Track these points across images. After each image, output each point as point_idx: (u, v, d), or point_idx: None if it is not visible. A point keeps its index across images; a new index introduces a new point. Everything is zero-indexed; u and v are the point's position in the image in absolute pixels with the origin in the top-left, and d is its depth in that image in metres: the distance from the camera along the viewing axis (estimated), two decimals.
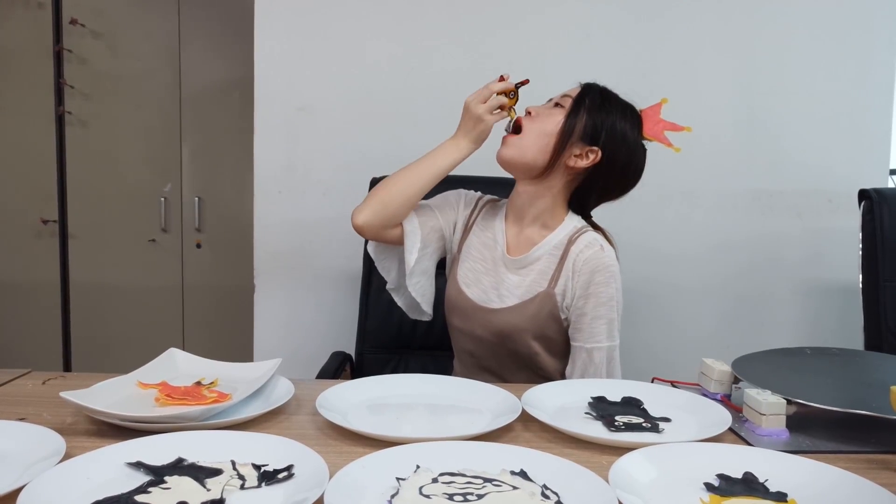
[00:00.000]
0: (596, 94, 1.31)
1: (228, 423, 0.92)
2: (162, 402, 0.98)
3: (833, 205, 2.12)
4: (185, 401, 0.97)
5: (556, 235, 1.33)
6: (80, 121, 2.82)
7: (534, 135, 1.29)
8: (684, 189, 2.09)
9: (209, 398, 0.99)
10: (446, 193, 1.45)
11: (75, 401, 0.90)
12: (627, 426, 0.95)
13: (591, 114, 1.28)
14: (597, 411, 1.01)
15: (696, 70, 2.06)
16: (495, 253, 1.36)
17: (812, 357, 1.29)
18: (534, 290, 1.31)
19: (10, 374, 1.17)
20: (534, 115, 1.30)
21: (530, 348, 1.31)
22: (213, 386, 1.06)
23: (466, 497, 0.71)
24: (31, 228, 2.84)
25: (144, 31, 2.81)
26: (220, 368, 1.15)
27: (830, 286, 2.14)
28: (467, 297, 1.35)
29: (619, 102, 1.33)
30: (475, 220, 1.42)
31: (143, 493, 0.71)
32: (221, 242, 2.91)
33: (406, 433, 0.91)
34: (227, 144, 2.84)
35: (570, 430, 0.92)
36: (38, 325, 2.89)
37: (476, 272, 1.37)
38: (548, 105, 1.33)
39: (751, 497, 0.74)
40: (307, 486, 0.72)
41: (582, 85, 1.33)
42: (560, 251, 1.32)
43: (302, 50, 2.00)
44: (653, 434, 0.93)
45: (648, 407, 1.04)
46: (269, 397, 1.03)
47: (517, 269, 1.34)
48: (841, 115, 2.10)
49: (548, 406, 1.02)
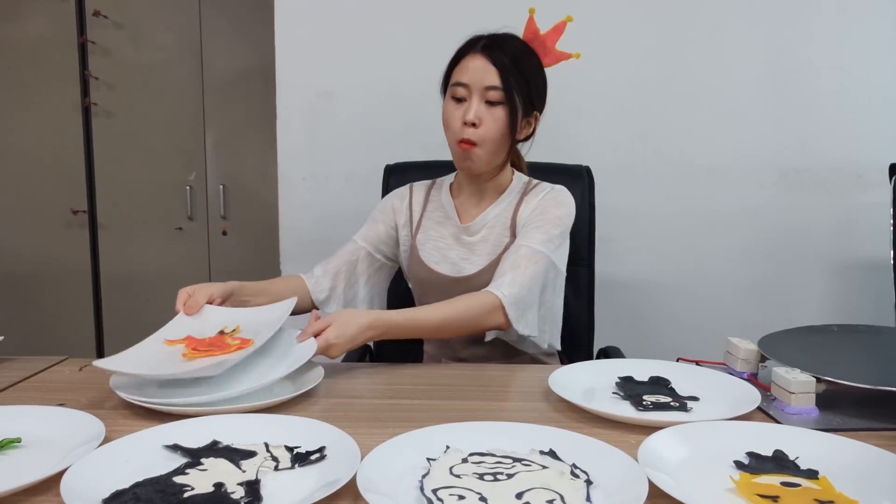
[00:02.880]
0: (509, 63, 1.25)
1: (261, 407, 0.94)
2: (189, 356, 1.00)
3: (863, 180, 2.08)
4: (211, 351, 0.99)
5: (507, 195, 1.39)
6: (105, 112, 2.86)
7: (489, 144, 1.29)
8: (709, 166, 2.07)
9: (233, 346, 1.00)
10: (375, 209, 1.48)
11: (108, 367, 0.93)
12: (656, 405, 0.95)
13: (521, 87, 1.27)
14: (624, 391, 1.01)
15: (723, 45, 2.02)
16: (451, 228, 1.40)
17: (839, 334, 1.27)
18: (500, 245, 1.34)
19: (47, 362, 1.20)
20: (479, 124, 1.27)
21: None
22: (236, 333, 1.07)
23: (496, 476, 0.71)
24: (62, 219, 2.89)
25: (166, 21, 2.83)
26: (238, 315, 1.16)
27: (860, 263, 2.11)
28: (440, 273, 1.37)
29: (523, 51, 1.30)
30: (422, 206, 1.45)
31: (181, 474, 0.73)
32: (247, 229, 2.94)
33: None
34: (250, 132, 2.86)
35: (598, 411, 0.92)
36: (70, 313, 2.95)
37: (440, 249, 1.40)
38: (480, 106, 1.27)
39: (781, 475, 0.74)
40: (339, 467, 0.73)
41: (493, 64, 1.25)
42: (514, 204, 1.37)
43: (322, 36, 2.00)
44: (681, 413, 0.93)
45: (676, 386, 1.04)
46: (300, 380, 1.04)
47: (475, 233, 1.37)
48: (870, 88, 2.05)
49: (575, 386, 1.03)
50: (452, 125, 1.30)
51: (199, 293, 1.20)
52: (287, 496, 0.69)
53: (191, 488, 0.69)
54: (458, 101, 1.29)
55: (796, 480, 0.73)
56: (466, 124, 1.27)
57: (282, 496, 0.69)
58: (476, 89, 1.27)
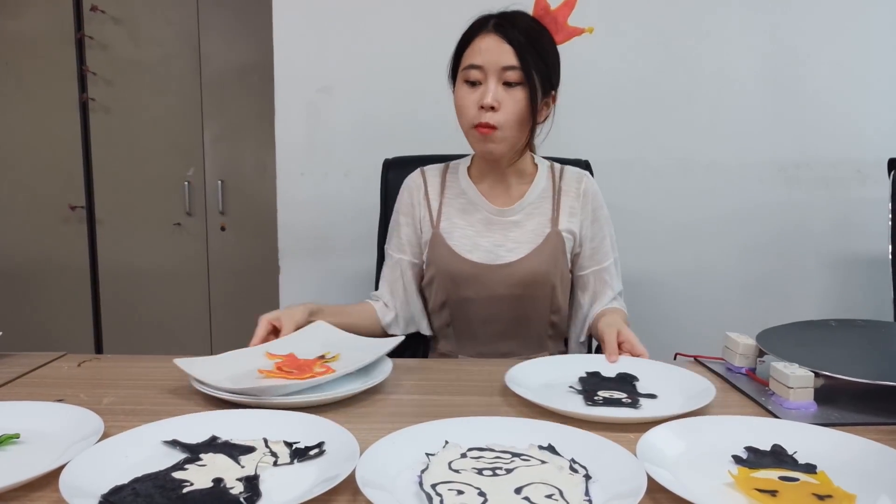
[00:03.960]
0: (524, 42, 1.21)
1: (329, 400, 0.94)
2: (267, 374, 1.01)
3: (861, 175, 2.08)
4: (291, 374, 0.99)
5: (540, 179, 1.37)
6: (103, 107, 2.85)
7: (510, 128, 1.24)
8: (708, 160, 2.07)
9: (318, 373, 1.00)
10: (397, 207, 1.44)
11: (183, 368, 0.96)
12: (607, 401, 0.95)
13: (538, 67, 1.23)
14: (584, 386, 1.01)
15: (723, 40, 2.02)
16: (479, 214, 1.35)
17: (837, 329, 1.28)
18: (541, 233, 1.33)
19: (46, 357, 1.20)
20: (498, 108, 1.22)
21: (553, 291, 1.33)
22: (335, 360, 1.07)
23: (495, 471, 0.71)
24: (60, 215, 2.89)
25: (164, 16, 2.83)
26: (347, 342, 1.16)
27: (859, 258, 2.11)
28: (474, 262, 1.32)
29: (537, 29, 1.25)
30: (440, 193, 1.39)
31: (180, 469, 0.73)
32: (245, 225, 2.94)
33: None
34: (249, 127, 2.86)
35: (548, 405, 0.91)
36: (69, 308, 2.95)
37: (469, 237, 1.34)
38: (498, 88, 1.22)
39: (780, 469, 0.74)
40: (338, 462, 0.73)
41: (511, 46, 1.21)
42: (550, 192, 1.36)
43: (320, 31, 2.00)
44: (630, 409, 0.92)
45: (643, 383, 1.03)
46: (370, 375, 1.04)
47: (510, 218, 1.34)
48: (869, 83, 2.05)
49: (534, 381, 1.03)
50: (468, 111, 1.24)
51: (285, 324, 1.17)
52: (286, 491, 0.69)
53: (190, 483, 0.69)
54: (472, 85, 1.24)
55: (794, 475, 0.73)
56: (484, 108, 1.21)
57: (281, 491, 0.69)
58: (492, 70, 1.21)
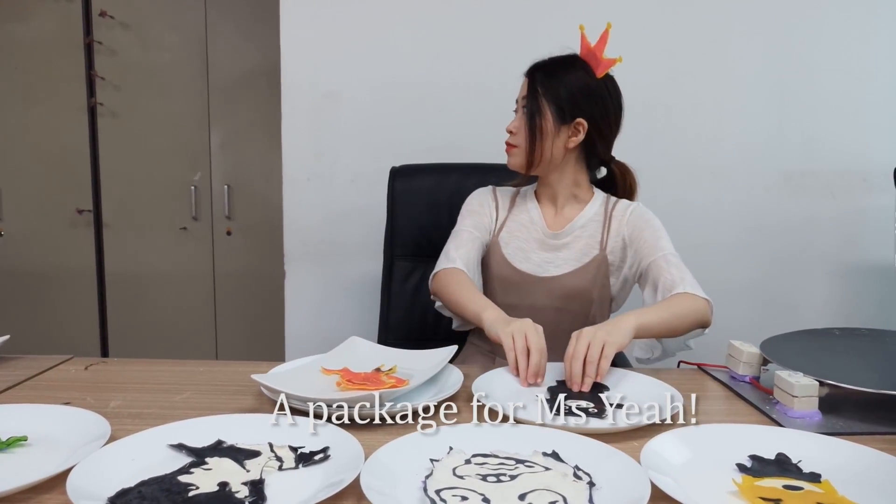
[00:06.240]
0: (542, 76, 1.38)
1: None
2: (344, 386, 1.01)
3: (867, 184, 2.08)
4: (365, 385, 1.00)
5: (592, 206, 1.45)
6: (111, 112, 2.87)
7: (521, 148, 1.40)
8: (714, 169, 2.07)
9: (387, 383, 1.01)
10: (468, 204, 1.51)
11: (269, 384, 0.95)
12: (569, 411, 0.94)
13: (551, 96, 1.36)
14: (553, 395, 1.01)
15: (726, 49, 2.02)
16: (535, 233, 1.45)
17: (841, 338, 1.27)
18: (588, 255, 1.41)
19: (53, 360, 1.21)
20: (516, 132, 1.41)
21: (590, 307, 1.41)
22: (392, 372, 1.09)
23: (499, 478, 0.72)
24: (67, 218, 2.90)
25: (172, 21, 2.84)
26: (397, 355, 1.18)
27: (863, 266, 2.10)
28: (523, 272, 1.43)
29: (563, 65, 1.39)
30: (508, 209, 1.50)
31: (186, 473, 0.73)
32: (251, 230, 2.94)
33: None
34: (256, 132, 2.87)
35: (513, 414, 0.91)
36: (75, 312, 2.96)
37: (523, 251, 1.45)
38: (519, 115, 1.41)
39: (784, 478, 0.74)
40: (343, 468, 0.74)
41: (526, 76, 1.40)
42: (601, 219, 1.43)
43: (328, 37, 2.01)
44: (595, 419, 0.92)
45: (613, 393, 1.03)
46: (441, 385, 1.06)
47: (561, 241, 1.43)
48: (874, 91, 2.05)
49: (503, 389, 1.04)
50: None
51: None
52: (291, 496, 0.69)
53: (195, 487, 0.70)
54: (516, 113, 1.44)
55: (799, 484, 0.73)
56: (508, 132, 1.43)
57: (286, 496, 0.70)
58: (519, 104, 1.43)
